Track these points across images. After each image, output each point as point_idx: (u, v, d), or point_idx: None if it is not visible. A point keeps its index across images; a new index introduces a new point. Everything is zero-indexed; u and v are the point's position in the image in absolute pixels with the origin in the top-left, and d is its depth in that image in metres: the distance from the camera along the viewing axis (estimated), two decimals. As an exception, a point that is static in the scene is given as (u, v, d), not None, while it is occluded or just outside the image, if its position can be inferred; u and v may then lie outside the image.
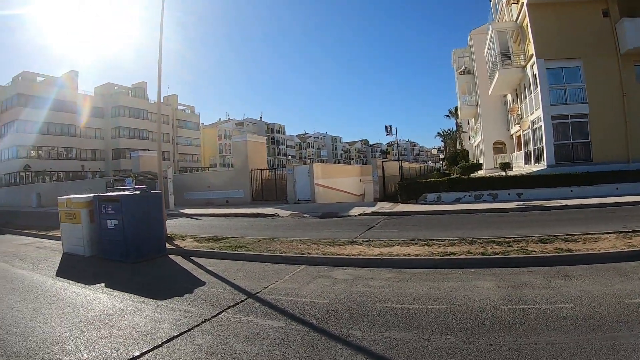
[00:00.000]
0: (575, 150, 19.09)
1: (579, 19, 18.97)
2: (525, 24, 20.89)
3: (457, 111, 53.99)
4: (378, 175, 22.07)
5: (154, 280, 7.37)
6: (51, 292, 6.66)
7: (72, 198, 10.39)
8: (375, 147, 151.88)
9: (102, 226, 9.39)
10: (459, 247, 7.79)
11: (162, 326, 4.75)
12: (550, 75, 19.15)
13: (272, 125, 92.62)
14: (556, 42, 18.98)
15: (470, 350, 3.61)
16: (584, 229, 9.07)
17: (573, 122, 19.08)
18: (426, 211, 15.31)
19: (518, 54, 22.52)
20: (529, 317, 4.35)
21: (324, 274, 6.90)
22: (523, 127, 22.65)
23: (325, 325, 4.52)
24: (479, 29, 30.73)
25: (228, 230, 13.28)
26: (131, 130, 54.69)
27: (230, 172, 26.86)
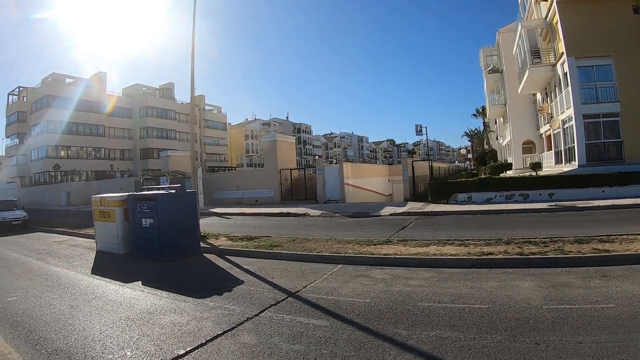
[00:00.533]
0: (607, 150, 18.47)
1: (609, 16, 18.41)
2: (555, 22, 20.30)
3: (484, 110, 52.98)
4: (408, 175, 21.96)
5: (191, 279, 7.41)
6: (88, 290, 6.71)
7: (106, 197, 10.60)
8: (402, 147, 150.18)
9: (137, 224, 9.52)
10: (496, 247, 7.77)
11: (205, 324, 4.72)
12: (581, 74, 18.60)
13: (299, 125, 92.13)
14: (587, 40, 18.43)
15: (518, 348, 3.66)
16: (618, 229, 8.83)
17: (604, 121, 18.47)
18: (457, 211, 15.18)
19: (548, 52, 21.90)
20: (572, 316, 4.36)
21: (362, 273, 6.93)
22: (553, 127, 22.06)
23: (369, 324, 4.51)
24: (507, 27, 30.02)
25: (260, 229, 13.39)
26: (159, 130, 54.97)
27: (260, 172, 27.14)
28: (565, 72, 19.27)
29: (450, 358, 3.59)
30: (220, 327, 4.58)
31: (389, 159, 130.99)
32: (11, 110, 51.96)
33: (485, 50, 35.64)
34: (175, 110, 58.09)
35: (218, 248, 9.93)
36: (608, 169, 16.13)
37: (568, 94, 18.96)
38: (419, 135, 29.80)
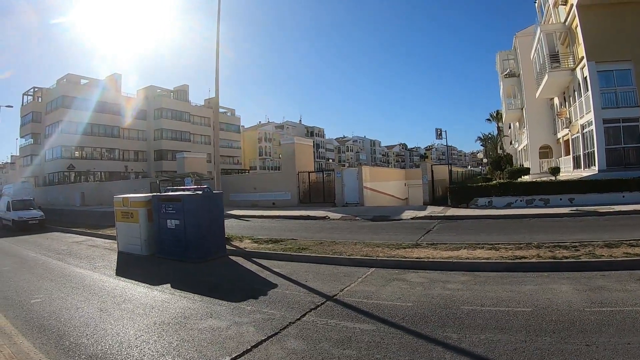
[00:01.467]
0: (627, 155, 18.20)
1: (628, 20, 18.23)
2: (574, 26, 20.21)
3: (498, 115, 52.59)
4: (428, 179, 21.94)
5: (222, 281, 7.28)
6: (115, 292, 6.56)
7: (129, 197, 10.47)
8: (414, 151, 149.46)
9: (162, 226, 9.38)
10: (527, 251, 7.82)
11: (246, 329, 4.59)
12: (601, 78, 18.43)
13: (312, 128, 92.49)
14: (606, 44, 18.28)
15: (570, 350, 3.75)
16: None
17: (624, 126, 18.23)
18: (479, 215, 15.13)
19: (566, 56, 21.72)
20: (615, 318, 4.45)
21: (397, 276, 6.97)
22: (572, 131, 21.84)
23: (417, 327, 4.51)
24: (524, 31, 29.83)
25: (281, 231, 13.33)
26: (173, 132, 55.08)
27: (277, 174, 27.14)
28: (585, 77, 19.11)
29: (505, 359, 3.69)
30: (264, 332, 4.46)
31: (401, 163, 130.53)
32: (26, 110, 51.83)
33: (502, 54, 35.41)
34: (189, 112, 58.32)
35: (244, 250, 9.87)
36: (628, 174, 15.91)
37: (588, 98, 18.79)
38: (438, 139, 29.82)
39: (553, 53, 22.06)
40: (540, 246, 8.24)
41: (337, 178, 22.95)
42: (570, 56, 21.49)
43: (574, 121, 21.71)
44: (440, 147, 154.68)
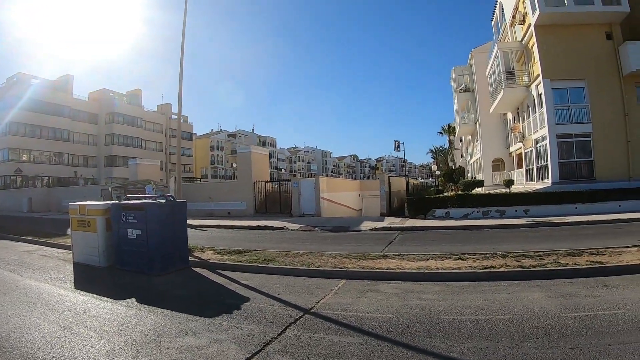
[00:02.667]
0: (579, 169, 19.94)
1: (583, 41, 20.09)
2: (530, 44, 21.93)
3: (449, 128, 55.23)
4: (385, 191, 22.53)
5: (191, 295, 7.15)
6: (77, 308, 6.22)
7: (86, 205, 10.06)
8: (365, 162, 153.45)
9: (122, 235, 9.03)
10: (494, 261, 8.20)
11: (228, 347, 4.52)
12: (556, 95, 20.14)
13: (264, 137, 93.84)
14: (562, 63, 19.97)
15: (557, 353, 3.99)
16: (601, 243, 9.67)
17: (577, 141, 20.00)
18: (438, 226, 15.74)
19: (521, 74, 23.55)
20: (592, 322, 4.80)
21: (370, 288, 7.05)
22: (526, 146, 23.48)
23: (403, 338, 4.60)
24: (480, 47, 32.01)
25: (242, 242, 13.24)
26: (124, 137, 54.83)
27: (233, 184, 27.03)
28: (540, 94, 20.80)
29: (499, 365, 3.84)
30: (247, 350, 4.39)
31: (352, 174, 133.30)
32: (-29, 109, 49.46)
33: (457, 69, 37.55)
34: (141, 118, 58.09)
35: (208, 262, 9.69)
36: (580, 187, 17.38)
37: (542, 114, 20.40)
38: (396, 151, 30.85)
39: (509, 70, 23.85)
40: (505, 256, 8.68)
41: (294, 188, 23.14)
42: (525, 73, 23.32)
43: (527, 136, 23.41)
44: (390, 159, 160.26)
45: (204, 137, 77.13)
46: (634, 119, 19.54)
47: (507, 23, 26.28)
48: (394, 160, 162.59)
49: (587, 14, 19.74)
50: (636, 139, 19.46)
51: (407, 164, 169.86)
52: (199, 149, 71.84)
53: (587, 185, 17.75)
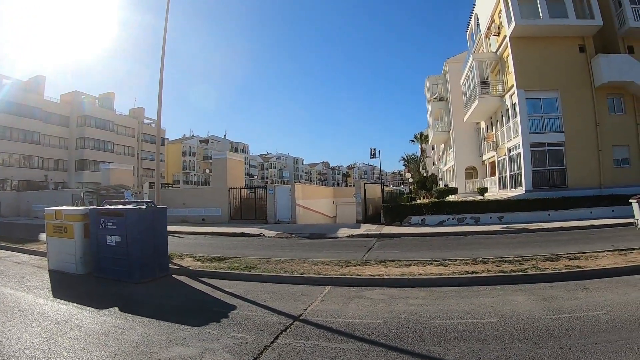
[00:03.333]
0: (552, 177, 20.86)
1: (557, 53, 21.11)
2: (505, 55, 22.89)
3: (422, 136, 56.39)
4: (361, 198, 22.80)
5: (175, 303, 7.05)
6: (59, 318, 6.02)
7: (63, 210, 9.88)
8: (336, 169, 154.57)
9: (100, 242, 8.87)
10: (475, 267, 8.51)
11: (222, 356, 4.48)
12: (530, 105, 21.04)
13: (237, 144, 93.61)
14: (535, 74, 20.94)
15: (548, 353, 4.21)
16: (577, 248, 10.19)
17: (550, 150, 20.95)
18: (415, 233, 16.05)
19: (495, 84, 24.54)
20: (576, 323, 5.08)
21: (355, 294, 7.17)
22: (500, 154, 24.33)
23: (398, 344, 4.71)
24: (454, 57, 33.14)
25: (219, 249, 13.22)
26: (96, 141, 53.68)
27: (207, 190, 26.88)
28: (514, 103, 21.72)
29: (495, 366, 4.00)
30: (242, 359, 4.39)
31: (323, 181, 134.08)
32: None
33: (432, 78, 38.65)
34: (113, 122, 57.20)
35: (188, 269, 9.62)
36: (553, 194, 18.16)
37: (516, 123, 21.26)
38: (373, 159, 31.33)
39: (483, 80, 24.81)
40: (486, 261, 9.02)
41: (270, 195, 23.18)
42: (499, 84, 24.34)
43: (501, 144, 24.31)
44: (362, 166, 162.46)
45: (176, 142, 76.14)
46: (605, 129, 20.65)
47: (482, 34, 27.41)
48: (365, 168, 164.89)
49: (561, 27, 20.78)
50: (607, 148, 20.60)
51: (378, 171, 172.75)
52: (171, 154, 71.08)
53: (559, 192, 18.58)
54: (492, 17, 24.47)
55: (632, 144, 20.85)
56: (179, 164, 72.73)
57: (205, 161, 79.74)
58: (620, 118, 21.12)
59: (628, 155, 20.89)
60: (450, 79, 33.02)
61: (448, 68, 33.81)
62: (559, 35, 21.03)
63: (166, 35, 12.37)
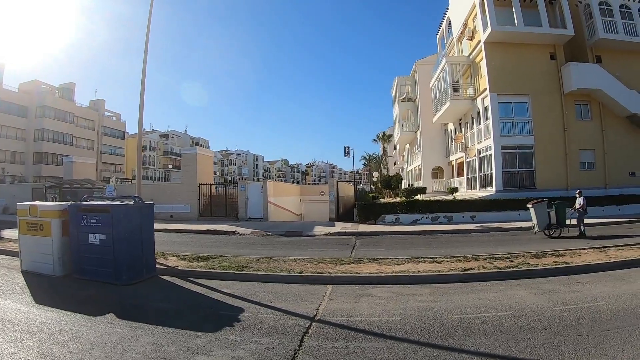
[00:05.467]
0: (521, 178, 22.25)
1: (529, 60, 22.50)
2: (478, 60, 24.07)
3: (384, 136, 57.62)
4: (334, 196, 23.10)
5: (177, 307, 6.71)
6: (50, 328, 5.45)
7: (39, 205, 9.28)
8: (295, 167, 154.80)
9: (81, 241, 8.37)
10: (468, 264, 9.02)
11: None
12: (501, 109, 22.33)
13: (197, 139, 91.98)
14: (508, 79, 22.21)
15: (570, 340, 4.68)
16: (557, 246, 11.09)
17: (520, 152, 22.35)
18: (392, 232, 16.60)
19: (466, 87, 25.79)
20: (582, 313, 5.64)
21: (361, 292, 7.30)
22: (470, 155, 25.47)
23: (429, 339, 4.90)
24: (424, 59, 34.27)
25: (199, 247, 13.05)
26: (55, 133, 51.21)
27: (177, 186, 26.18)
28: (485, 107, 22.96)
29: (530, 355, 4.39)
30: None
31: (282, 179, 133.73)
32: None
33: (400, 79, 39.73)
34: (73, 113, 54.59)
35: (176, 269, 9.31)
36: (523, 194, 19.33)
37: (488, 126, 22.48)
38: (347, 157, 31.87)
39: (454, 83, 25.57)
40: (477, 258, 9.57)
41: (241, 191, 23.10)
42: (470, 87, 25.59)
43: (470, 146, 25.44)
44: (320, 165, 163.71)
45: (135, 136, 73.38)
46: (572, 133, 22.32)
47: (454, 38, 28.61)
48: (324, 166, 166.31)
49: (534, 35, 22.15)
50: (574, 152, 22.29)
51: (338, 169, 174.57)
52: (131, 149, 68.41)
53: (528, 193, 19.81)
54: (466, 21, 25.62)
55: (597, 149, 22.69)
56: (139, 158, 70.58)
57: (166, 156, 77.63)
58: (587, 124, 22.93)
59: (593, 159, 22.74)
60: (420, 81, 34.16)
61: (417, 69, 34.93)
62: (532, 42, 22.41)
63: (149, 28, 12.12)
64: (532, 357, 4.34)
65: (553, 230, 13.80)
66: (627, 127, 23.06)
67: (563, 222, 13.64)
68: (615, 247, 10.22)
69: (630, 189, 21.54)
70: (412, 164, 39.59)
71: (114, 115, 65.79)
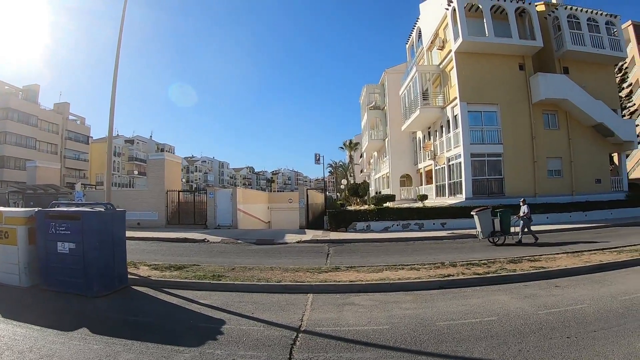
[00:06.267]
0: (490, 185, 22.89)
1: (499, 70, 23.26)
2: (449, 69, 24.70)
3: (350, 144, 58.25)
4: (304, 203, 23.04)
5: (154, 320, 6.40)
6: (20, 345, 5.11)
7: (4, 211, 8.73)
8: (261, 174, 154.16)
9: (50, 249, 7.95)
10: (446, 270, 9.11)
11: None
12: (471, 117, 22.92)
13: (162, 145, 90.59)
14: (478, 88, 22.86)
15: (560, 343, 4.78)
16: (530, 252, 11.40)
17: (489, 160, 23.03)
18: (365, 239, 16.64)
19: (436, 95, 26.41)
20: (567, 316, 5.79)
21: (344, 301, 7.21)
22: (439, 163, 25.99)
23: (420, 347, 4.89)
24: (394, 68, 34.91)
25: (170, 256, 12.75)
26: (19, 137, 49.20)
27: (144, 193, 25.39)
28: (455, 115, 23.54)
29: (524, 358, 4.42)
30: None
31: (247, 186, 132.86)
32: None
33: (369, 87, 40.22)
34: (37, 117, 52.45)
35: (149, 279, 8.92)
36: (492, 202, 19.72)
37: (458, 134, 23.03)
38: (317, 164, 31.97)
39: (424, 91, 26.06)
40: (454, 265, 9.70)
41: (210, 199, 22.75)
42: (439, 95, 26.21)
43: (440, 154, 25.95)
44: (286, 172, 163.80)
45: (100, 141, 70.75)
46: (540, 142, 23.20)
47: (425, 47, 29.29)
48: (289, 174, 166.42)
49: (504, 46, 22.92)
50: (542, 160, 23.16)
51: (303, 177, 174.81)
52: (95, 154, 66.47)
53: (497, 200, 20.37)
54: (437, 31, 26.31)
55: (564, 157, 23.75)
56: (103, 164, 68.30)
57: (131, 162, 75.62)
58: (554, 132, 23.93)
59: (560, 167, 23.77)
60: (389, 89, 34.74)
61: (387, 78, 35.48)
62: (502, 53, 23.23)
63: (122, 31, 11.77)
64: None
65: (497, 238, 14.12)
66: (593, 136, 24.29)
67: (507, 230, 13.97)
68: (588, 252, 10.68)
69: (596, 196, 22.72)
70: (380, 171, 40.05)
71: (78, 119, 64.06)
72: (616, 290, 7.11)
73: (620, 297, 6.67)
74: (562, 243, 13.37)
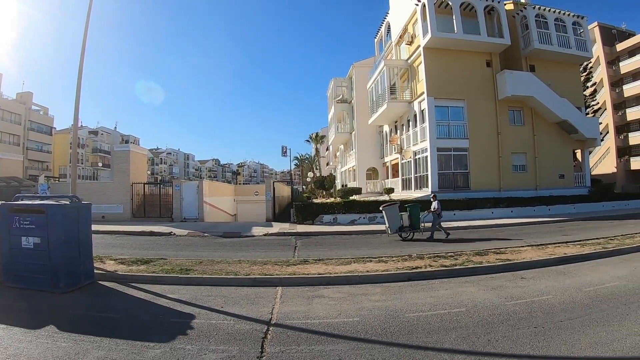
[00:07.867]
0: (456, 179, 23.36)
1: (466, 66, 23.63)
2: (417, 64, 24.94)
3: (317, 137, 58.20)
4: (271, 196, 22.84)
5: (122, 316, 6.26)
6: None
7: None
8: (226, 167, 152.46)
9: (13, 245, 7.67)
10: (414, 262, 9.21)
11: None
12: (438, 112, 23.24)
13: (127, 137, 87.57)
14: (445, 84, 23.18)
15: (528, 333, 4.89)
16: (496, 244, 11.74)
17: (455, 155, 23.45)
18: (332, 232, 16.70)
19: (403, 90, 26.60)
20: (535, 307, 5.94)
21: (313, 294, 7.20)
22: (405, 157, 26.29)
23: (391, 338, 4.92)
24: (362, 62, 35.00)
25: (136, 250, 12.48)
26: None
27: (109, 185, 24.55)
28: (422, 110, 23.83)
29: (493, 348, 4.50)
30: None
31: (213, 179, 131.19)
32: None
33: (337, 80, 40.11)
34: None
35: (116, 274, 8.70)
36: (458, 195, 20.22)
37: (424, 129, 23.33)
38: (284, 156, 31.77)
39: (392, 86, 26.24)
40: (422, 257, 9.82)
41: (176, 191, 22.28)
42: (407, 90, 26.45)
43: (406, 148, 26.28)
44: (251, 165, 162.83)
45: (64, 132, 67.88)
46: (505, 137, 23.85)
47: (393, 42, 29.46)
48: (255, 166, 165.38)
49: (472, 42, 23.32)
50: (506, 155, 23.84)
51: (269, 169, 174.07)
52: (58, 145, 63.93)
53: (463, 194, 20.85)
54: (406, 26, 26.45)
55: (529, 152, 24.54)
56: (66, 156, 65.58)
57: (95, 154, 73.34)
58: (520, 128, 24.69)
59: (525, 162, 24.58)
60: (356, 83, 34.83)
61: (355, 72, 35.54)
62: (470, 49, 23.64)
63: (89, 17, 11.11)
64: (496, 350, 4.46)
65: (407, 233, 14.39)
66: (558, 133, 25.24)
67: (417, 225, 14.28)
68: (552, 245, 11.05)
69: (560, 191, 23.68)
70: (346, 164, 40.24)
71: (42, 110, 61.46)
72: (581, 282, 7.37)
73: (585, 288, 6.92)
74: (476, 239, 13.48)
